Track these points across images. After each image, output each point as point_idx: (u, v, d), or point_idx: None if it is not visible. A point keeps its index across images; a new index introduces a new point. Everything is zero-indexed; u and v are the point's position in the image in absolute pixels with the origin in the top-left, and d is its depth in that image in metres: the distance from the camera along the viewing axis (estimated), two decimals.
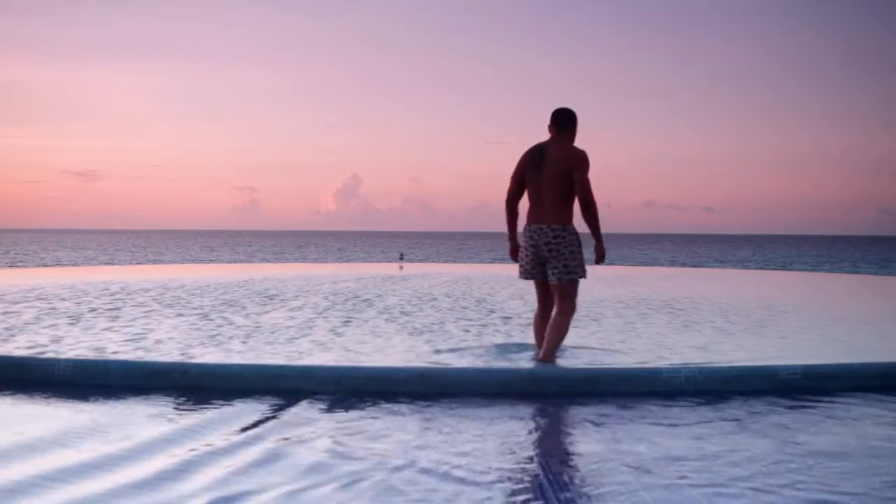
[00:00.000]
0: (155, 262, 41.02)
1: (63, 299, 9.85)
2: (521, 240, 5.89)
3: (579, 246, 5.72)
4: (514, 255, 6.03)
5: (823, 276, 22.42)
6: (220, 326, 7.53)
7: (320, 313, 8.79)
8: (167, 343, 6.43)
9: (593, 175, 5.61)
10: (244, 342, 6.56)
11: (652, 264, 36.86)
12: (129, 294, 10.85)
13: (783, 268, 38.30)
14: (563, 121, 5.73)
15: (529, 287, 6.56)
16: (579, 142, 5.79)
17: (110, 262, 39.60)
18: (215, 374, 5.01)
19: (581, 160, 5.57)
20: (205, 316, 8.37)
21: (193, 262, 41.97)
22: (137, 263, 36.29)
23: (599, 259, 5.83)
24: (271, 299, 10.42)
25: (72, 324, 7.50)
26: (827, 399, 4.78)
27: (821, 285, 16.29)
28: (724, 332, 7.62)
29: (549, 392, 4.87)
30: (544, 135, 5.81)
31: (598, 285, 13.44)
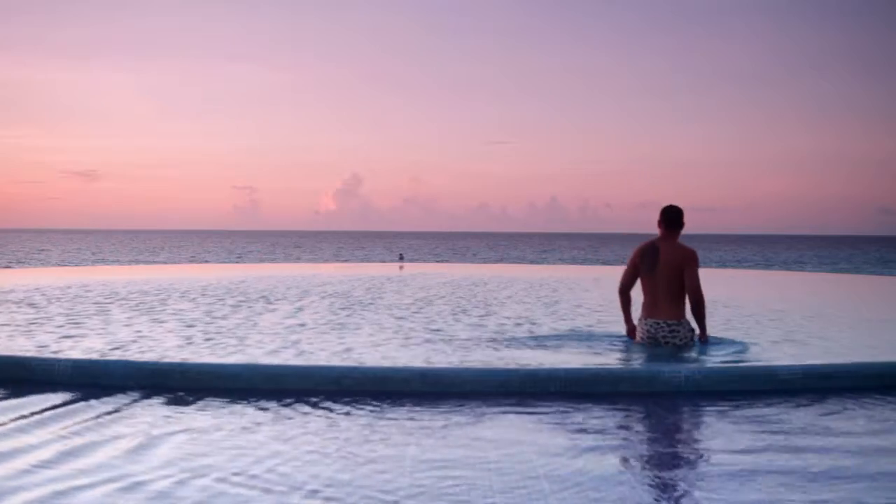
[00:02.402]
0: (156, 262, 41.00)
1: (48, 300, 9.85)
2: (639, 329, 6.46)
3: (692, 337, 6.35)
4: (632, 336, 6.62)
5: (833, 276, 22.41)
6: (221, 327, 7.53)
7: (320, 313, 8.79)
8: (166, 343, 6.43)
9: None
10: (244, 342, 6.56)
11: None
12: (128, 294, 10.85)
13: (787, 268, 38.27)
14: (672, 220, 6.40)
15: (529, 288, 6.54)
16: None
17: (114, 262, 39.57)
18: (215, 374, 5.01)
19: (691, 260, 6.25)
20: (205, 316, 8.37)
21: (193, 262, 41.95)
22: (138, 263, 36.28)
23: (703, 343, 6.39)
24: (271, 300, 10.42)
25: (67, 325, 7.50)
26: (827, 399, 4.77)
27: (837, 286, 16.28)
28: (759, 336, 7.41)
29: (550, 392, 4.87)
30: (544, 135, 5.98)
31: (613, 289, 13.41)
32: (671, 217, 6.39)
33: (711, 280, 6.15)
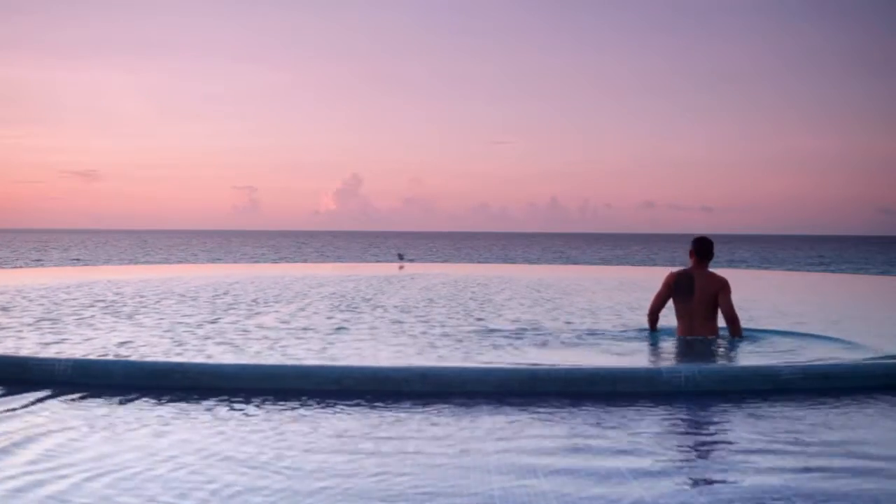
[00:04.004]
0: (158, 262, 41.02)
1: (44, 301, 9.85)
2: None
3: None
4: None
5: (835, 276, 22.38)
6: (217, 328, 7.53)
7: (320, 313, 8.79)
8: (166, 343, 6.42)
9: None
10: (242, 343, 6.56)
11: (660, 265, 36.86)
12: (119, 295, 10.85)
13: (787, 268, 38.26)
14: (705, 253, 6.90)
15: (529, 289, 6.52)
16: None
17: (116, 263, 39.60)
18: (215, 374, 5.01)
19: (725, 287, 6.77)
20: (205, 316, 8.36)
21: (193, 262, 41.96)
22: (141, 263, 36.29)
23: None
24: (272, 300, 10.42)
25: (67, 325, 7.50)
26: (828, 399, 4.77)
27: (839, 286, 16.27)
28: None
29: (550, 392, 4.86)
30: (544, 135, 5.95)
31: (618, 293, 13.41)
32: (705, 249, 6.88)
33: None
